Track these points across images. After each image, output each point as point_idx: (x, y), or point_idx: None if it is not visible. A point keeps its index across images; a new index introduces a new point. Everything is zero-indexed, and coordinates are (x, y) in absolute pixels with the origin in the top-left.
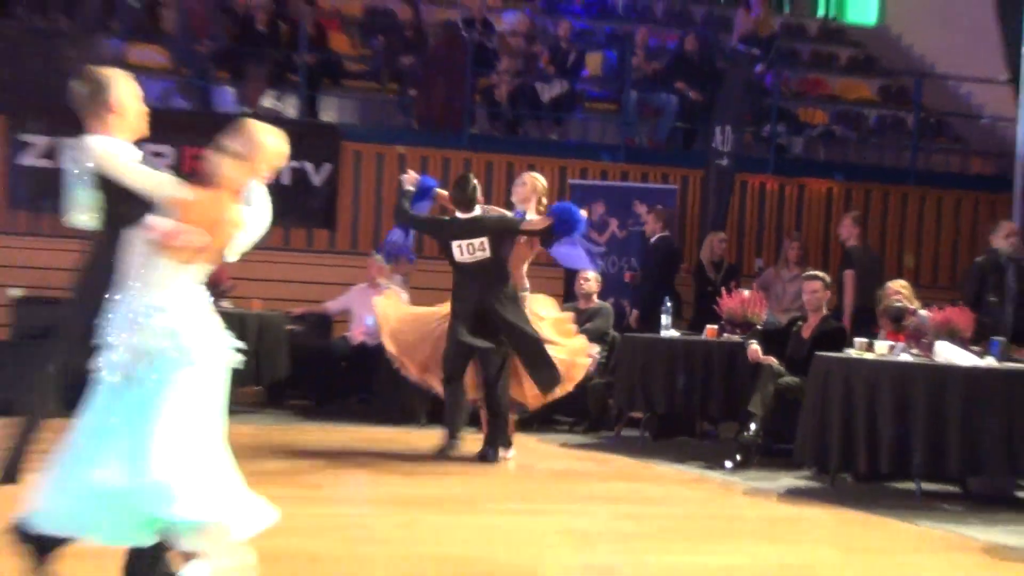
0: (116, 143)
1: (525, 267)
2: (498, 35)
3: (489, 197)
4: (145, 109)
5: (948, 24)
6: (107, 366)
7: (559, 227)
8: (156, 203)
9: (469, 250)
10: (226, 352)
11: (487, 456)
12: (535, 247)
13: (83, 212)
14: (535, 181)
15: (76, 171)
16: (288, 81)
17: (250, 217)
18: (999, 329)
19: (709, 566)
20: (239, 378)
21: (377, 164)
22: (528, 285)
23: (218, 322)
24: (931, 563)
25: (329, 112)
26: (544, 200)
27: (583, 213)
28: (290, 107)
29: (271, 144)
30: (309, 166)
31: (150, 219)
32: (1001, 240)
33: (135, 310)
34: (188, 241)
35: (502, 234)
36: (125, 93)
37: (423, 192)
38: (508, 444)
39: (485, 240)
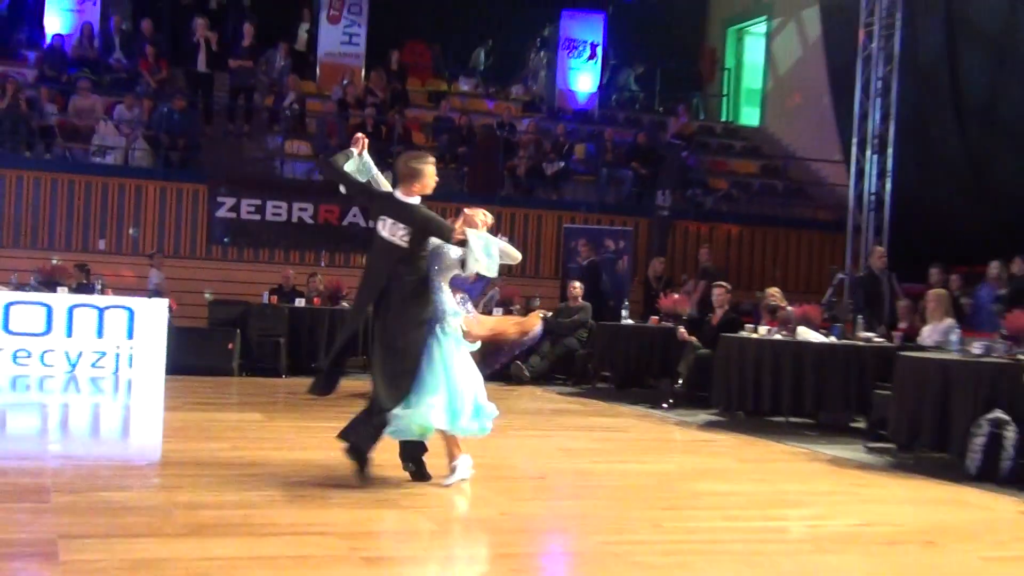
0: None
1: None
2: (519, 133)
3: (514, 240)
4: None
5: (805, 124)
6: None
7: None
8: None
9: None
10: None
11: None
12: None
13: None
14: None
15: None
16: (387, 163)
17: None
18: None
19: (651, 470)
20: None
21: (443, 216)
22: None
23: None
24: (795, 468)
25: None
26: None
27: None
28: (389, 179)
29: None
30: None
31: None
32: (876, 260)
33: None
34: None
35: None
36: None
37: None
38: None
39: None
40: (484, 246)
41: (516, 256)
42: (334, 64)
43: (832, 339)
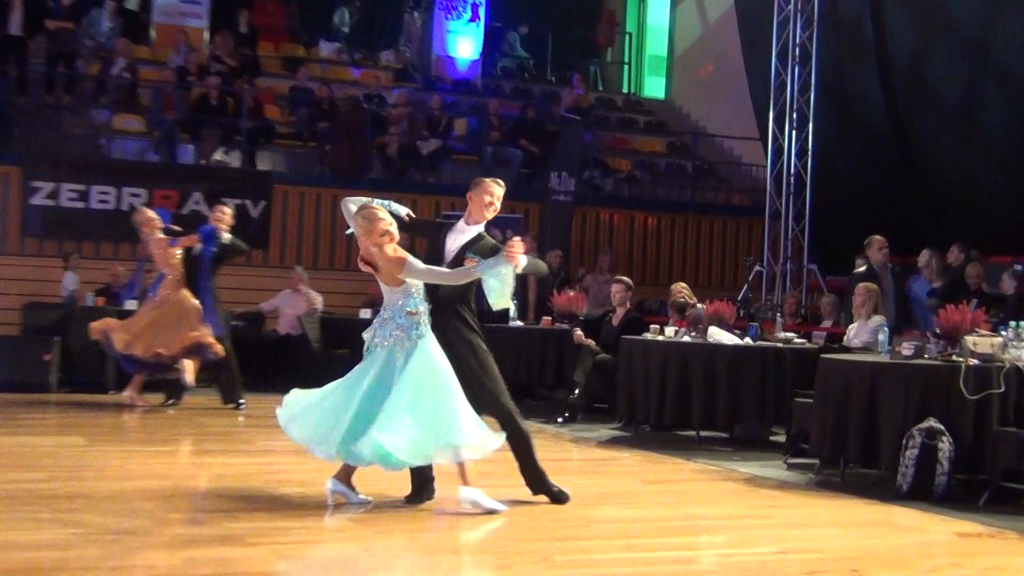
0: None
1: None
2: (389, 106)
3: None
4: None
5: (716, 98)
6: None
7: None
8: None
9: None
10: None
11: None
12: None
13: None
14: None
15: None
16: (233, 140)
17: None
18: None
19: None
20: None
21: (300, 202)
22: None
23: None
24: (707, 489)
25: (264, 163)
26: None
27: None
28: (235, 160)
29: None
30: (249, 203)
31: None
32: (876, 253)
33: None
34: None
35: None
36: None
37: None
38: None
39: None
40: None
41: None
42: (172, 26)
43: (747, 341)
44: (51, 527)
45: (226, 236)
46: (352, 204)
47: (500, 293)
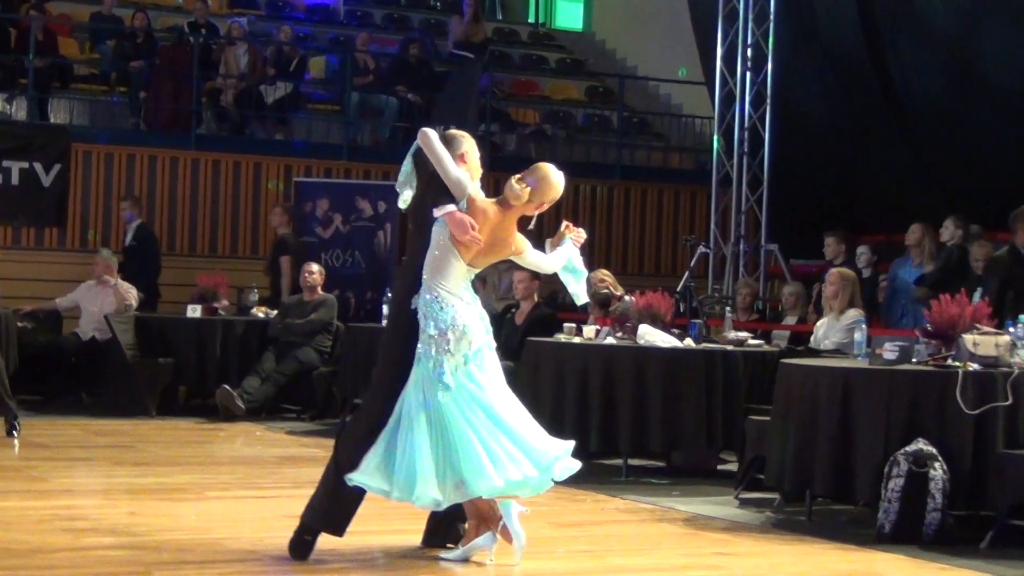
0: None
1: None
2: (223, 40)
3: (216, 195)
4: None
5: (648, 29)
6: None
7: None
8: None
9: None
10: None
11: None
12: None
13: (403, 189)
14: None
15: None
16: (18, 85)
17: (536, 255)
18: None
19: (418, 541)
20: None
21: (107, 164)
22: None
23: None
24: (637, 534)
25: (59, 114)
26: None
27: None
28: (20, 110)
29: (556, 185)
30: (39, 166)
31: (451, 205)
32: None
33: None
34: (473, 239)
35: None
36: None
37: None
38: None
39: None
40: None
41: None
42: None
43: (688, 343)
44: None
45: None
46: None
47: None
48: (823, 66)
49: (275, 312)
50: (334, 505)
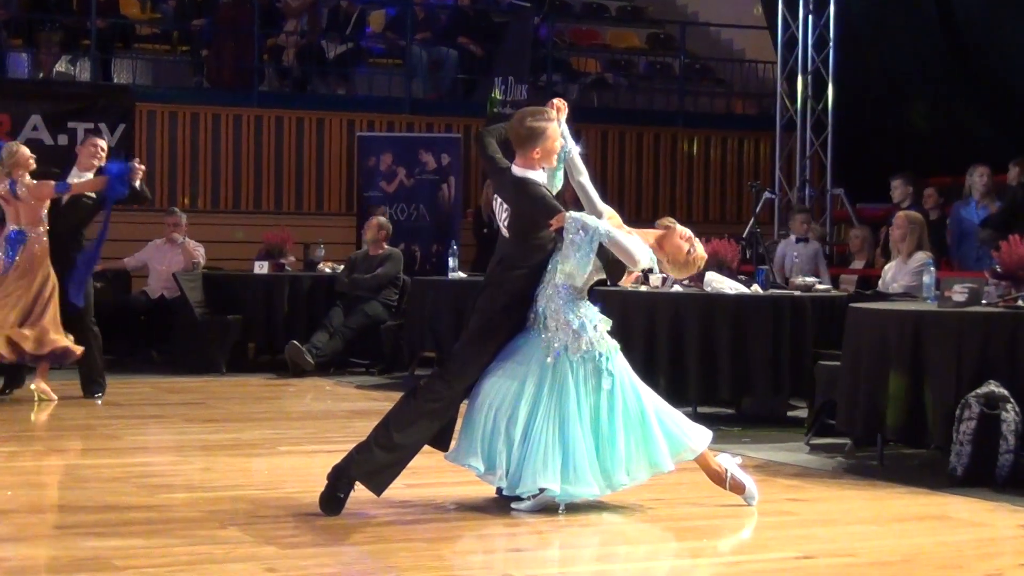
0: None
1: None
2: None
3: (280, 152)
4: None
5: None
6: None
7: (112, 189)
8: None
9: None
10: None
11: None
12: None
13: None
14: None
15: None
16: (81, 46)
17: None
18: None
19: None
20: None
21: (171, 123)
22: None
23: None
24: (707, 481)
25: (122, 74)
26: None
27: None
28: (83, 71)
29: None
30: (104, 127)
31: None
32: None
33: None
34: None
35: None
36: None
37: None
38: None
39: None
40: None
41: (636, 257)
42: None
43: (756, 289)
44: None
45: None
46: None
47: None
48: (886, 7)
49: (341, 267)
50: (384, 462)
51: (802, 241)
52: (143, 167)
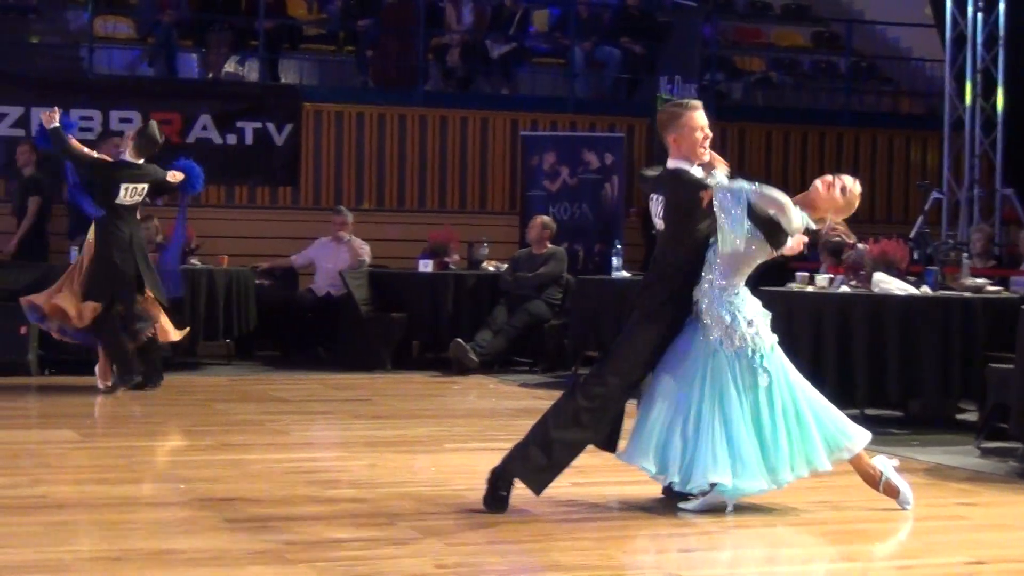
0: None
1: None
2: None
3: (444, 151)
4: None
5: None
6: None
7: (189, 185)
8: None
9: (133, 193)
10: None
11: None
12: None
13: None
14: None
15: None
16: (249, 47)
17: None
18: None
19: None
20: (210, 332)
21: (336, 123)
22: None
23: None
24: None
25: (289, 74)
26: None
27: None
28: (251, 71)
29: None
30: (271, 127)
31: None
32: None
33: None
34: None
35: (161, 184)
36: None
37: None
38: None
39: (147, 186)
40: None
41: (788, 208)
42: None
43: (924, 290)
44: (37, 544)
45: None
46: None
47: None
48: None
49: (505, 266)
50: (542, 461)
51: None
52: None
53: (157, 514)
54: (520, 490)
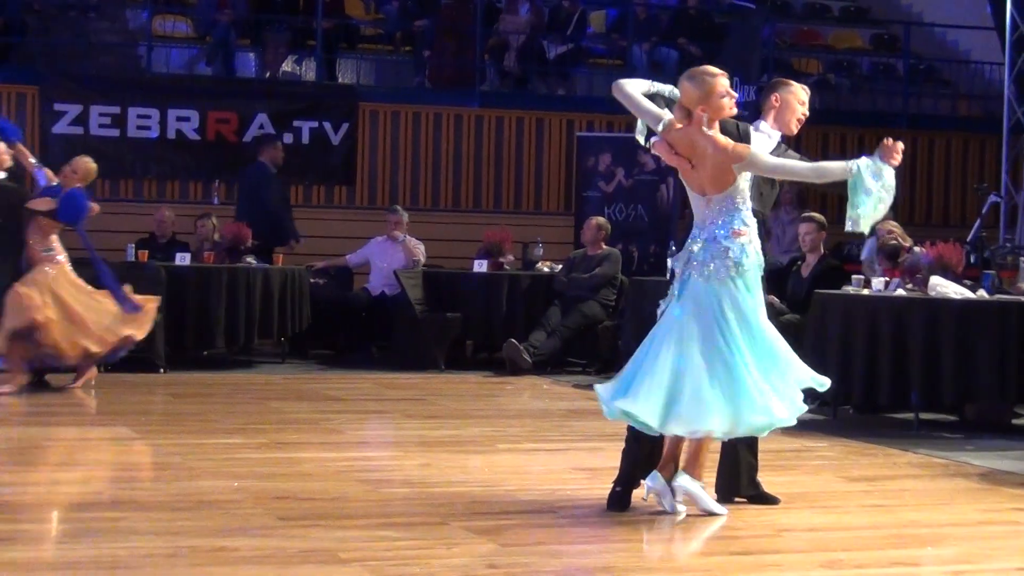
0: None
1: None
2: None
3: (500, 151)
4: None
5: None
6: None
7: (64, 213)
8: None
9: None
10: None
11: None
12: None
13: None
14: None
15: None
16: (306, 46)
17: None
18: None
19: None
20: (264, 330)
21: (392, 123)
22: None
23: None
24: (931, 488)
25: (346, 74)
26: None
27: (91, 206)
28: (309, 71)
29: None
30: (328, 126)
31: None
32: None
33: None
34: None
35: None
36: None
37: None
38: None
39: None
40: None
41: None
42: None
43: (981, 294)
44: (94, 542)
45: None
46: (632, 86)
47: (871, 207)
48: None
49: (559, 266)
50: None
51: None
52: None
53: (211, 512)
54: (576, 492)
